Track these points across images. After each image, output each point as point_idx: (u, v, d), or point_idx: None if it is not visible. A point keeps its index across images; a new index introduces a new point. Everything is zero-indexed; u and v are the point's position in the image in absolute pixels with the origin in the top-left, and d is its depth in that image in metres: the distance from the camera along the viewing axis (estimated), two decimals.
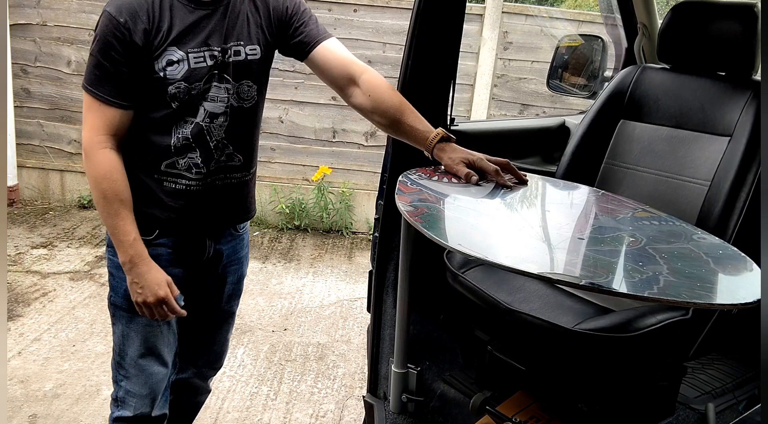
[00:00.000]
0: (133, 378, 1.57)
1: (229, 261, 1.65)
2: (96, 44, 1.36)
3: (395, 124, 1.51)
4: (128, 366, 1.57)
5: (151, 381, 1.58)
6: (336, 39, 1.57)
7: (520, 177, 1.48)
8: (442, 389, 1.92)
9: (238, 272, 1.70)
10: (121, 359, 1.57)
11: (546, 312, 1.60)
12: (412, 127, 1.49)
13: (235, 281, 1.71)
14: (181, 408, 1.84)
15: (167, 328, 1.58)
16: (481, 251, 1.11)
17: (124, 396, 1.58)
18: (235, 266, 1.68)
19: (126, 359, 1.57)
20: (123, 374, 1.58)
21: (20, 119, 4.48)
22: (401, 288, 1.72)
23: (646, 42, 2.29)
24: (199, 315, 1.67)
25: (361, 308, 3.42)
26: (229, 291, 1.71)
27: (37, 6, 4.34)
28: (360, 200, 4.59)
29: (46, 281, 3.45)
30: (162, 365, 1.60)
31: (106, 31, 1.35)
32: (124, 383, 1.58)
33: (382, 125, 1.55)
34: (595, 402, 1.65)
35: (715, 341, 1.92)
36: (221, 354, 1.83)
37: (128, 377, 1.57)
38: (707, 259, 1.17)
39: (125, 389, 1.58)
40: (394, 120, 1.50)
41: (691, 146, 1.84)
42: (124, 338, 1.56)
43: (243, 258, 1.71)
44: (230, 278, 1.68)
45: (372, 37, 4.38)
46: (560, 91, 2.50)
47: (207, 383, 1.88)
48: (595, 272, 1.08)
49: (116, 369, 1.60)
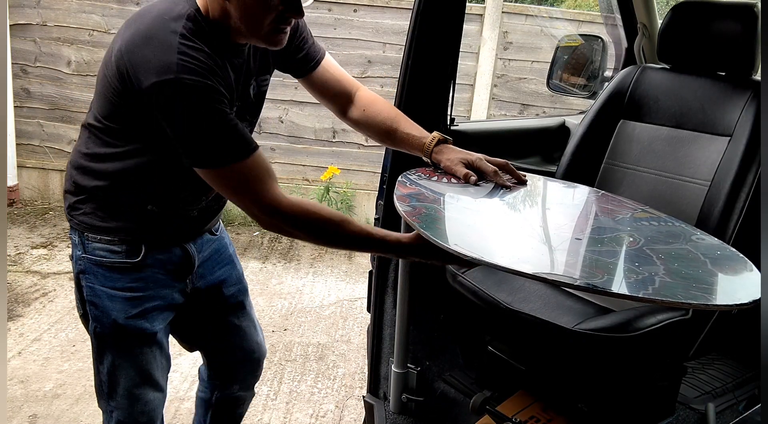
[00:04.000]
0: (127, 409, 1.47)
1: (216, 263, 1.58)
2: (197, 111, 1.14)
3: (391, 134, 1.50)
4: (120, 397, 1.46)
5: (148, 408, 1.49)
6: (329, 54, 1.54)
7: (519, 177, 1.48)
8: (442, 389, 1.92)
9: (234, 272, 1.63)
10: (112, 391, 1.46)
11: (546, 312, 1.60)
12: (408, 135, 1.48)
13: (235, 281, 1.64)
14: (228, 421, 1.81)
15: (159, 351, 1.47)
16: (479, 251, 1.11)
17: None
18: (227, 266, 1.61)
19: (118, 390, 1.45)
20: (114, 406, 1.47)
21: (20, 119, 4.48)
22: (401, 288, 1.72)
23: (646, 42, 2.29)
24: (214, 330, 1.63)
25: (361, 308, 3.42)
26: (235, 293, 1.64)
27: (37, 6, 4.34)
28: (360, 200, 4.59)
29: (46, 281, 3.45)
30: (158, 391, 1.51)
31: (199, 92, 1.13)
32: (116, 414, 1.48)
33: (379, 137, 1.53)
34: (595, 402, 1.65)
35: (715, 341, 1.92)
36: (260, 358, 1.75)
37: (120, 408, 1.47)
38: (705, 260, 1.17)
39: (117, 420, 1.48)
40: (390, 130, 1.50)
41: (691, 146, 1.84)
42: (114, 369, 1.44)
43: (232, 256, 1.64)
44: (228, 279, 1.61)
45: (372, 37, 4.38)
46: (560, 91, 2.50)
47: (252, 390, 1.81)
48: (591, 272, 1.08)
49: (106, 400, 1.48)
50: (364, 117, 1.52)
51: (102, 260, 1.37)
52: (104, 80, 1.24)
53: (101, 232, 1.36)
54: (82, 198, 1.36)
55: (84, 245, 1.38)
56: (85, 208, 1.36)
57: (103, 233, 1.36)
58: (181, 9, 1.19)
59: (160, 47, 1.13)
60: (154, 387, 1.49)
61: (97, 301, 1.39)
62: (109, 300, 1.38)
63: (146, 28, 1.17)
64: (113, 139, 1.29)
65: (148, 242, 1.38)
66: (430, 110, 1.84)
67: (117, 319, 1.39)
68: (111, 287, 1.38)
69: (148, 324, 1.42)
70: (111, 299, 1.38)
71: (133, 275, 1.39)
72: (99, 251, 1.37)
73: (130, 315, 1.40)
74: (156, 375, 1.48)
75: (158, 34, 1.15)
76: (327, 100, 1.55)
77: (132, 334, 1.41)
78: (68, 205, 1.39)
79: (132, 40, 1.16)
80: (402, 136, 1.49)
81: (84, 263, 1.38)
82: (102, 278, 1.38)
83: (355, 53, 4.35)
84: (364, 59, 4.40)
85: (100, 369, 1.46)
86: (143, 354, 1.44)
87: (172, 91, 1.11)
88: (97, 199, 1.35)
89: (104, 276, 1.38)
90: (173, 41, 1.13)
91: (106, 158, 1.31)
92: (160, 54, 1.12)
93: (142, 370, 1.45)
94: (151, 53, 1.13)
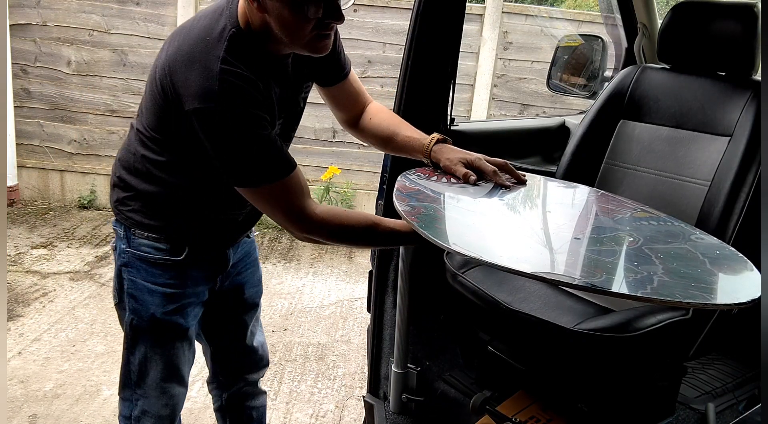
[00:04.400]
0: (153, 399, 1.51)
1: (244, 265, 1.63)
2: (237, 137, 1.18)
3: (393, 139, 1.52)
4: (149, 388, 1.50)
5: (173, 402, 1.54)
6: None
7: (519, 177, 1.48)
8: (442, 389, 1.92)
9: (256, 274, 1.69)
10: (140, 381, 1.50)
11: (546, 312, 1.59)
12: (408, 137, 1.50)
13: (256, 283, 1.69)
14: (247, 419, 1.82)
15: (188, 347, 1.53)
16: (478, 250, 1.11)
17: (141, 415, 1.53)
18: (252, 268, 1.66)
19: (146, 380, 1.49)
20: (141, 394, 1.51)
21: (20, 119, 4.48)
22: (401, 288, 1.72)
23: (646, 42, 2.29)
24: (229, 328, 1.66)
25: (361, 308, 3.42)
26: (253, 294, 1.69)
27: (37, 6, 4.34)
28: (360, 200, 4.59)
29: (46, 281, 3.45)
30: (183, 386, 1.56)
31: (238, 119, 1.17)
32: (141, 402, 1.51)
33: (380, 143, 1.55)
34: (595, 402, 1.65)
35: (715, 341, 1.92)
36: (263, 357, 1.79)
37: (147, 397, 1.51)
38: (704, 259, 1.17)
39: (142, 409, 1.52)
40: (391, 134, 1.51)
41: (691, 146, 1.84)
42: (146, 361, 1.48)
43: (257, 259, 1.69)
44: (250, 281, 1.66)
45: (372, 37, 4.38)
46: (560, 91, 2.50)
47: (259, 387, 1.84)
48: (590, 271, 1.08)
49: (132, 389, 1.51)
50: (367, 126, 1.54)
51: (146, 256, 1.41)
52: (151, 93, 1.27)
53: (148, 229, 1.40)
54: (131, 195, 1.40)
55: (129, 239, 1.41)
56: (134, 206, 1.39)
57: (150, 231, 1.40)
58: (223, 27, 1.20)
59: (202, 72, 1.16)
60: (180, 382, 1.54)
61: (137, 294, 1.43)
62: (149, 294, 1.42)
63: (189, 48, 1.19)
64: (160, 148, 1.32)
65: (192, 243, 1.42)
66: (430, 110, 1.84)
67: (155, 313, 1.43)
68: (152, 282, 1.42)
69: (183, 320, 1.47)
70: (151, 294, 1.42)
71: (173, 271, 1.42)
72: (144, 247, 1.41)
73: (168, 310, 1.44)
74: (183, 370, 1.54)
75: (201, 58, 1.18)
76: (340, 110, 1.56)
77: (167, 328, 1.46)
78: (116, 199, 1.43)
79: (175, 59, 1.20)
80: (403, 139, 1.50)
81: (128, 256, 1.42)
82: (144, 273, 1.42)
83: (355, 53, 4.35)
84: (364, 59, 4.40)
85: (130, 359, 1.49)
86: (174, 348, 1.49)
87: (212, 119, 1.16)
88: (147, 199, 1.38)
89: (146, 271, 1.42)
90: (215, 67, 1.16)
91: (157, 165, 1.34)
92: (202, 80, 1.15)
93: (171, 364, 1.50)
94: (194, 77, 1.16)
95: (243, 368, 1.75)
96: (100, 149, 4.60)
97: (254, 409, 1.84)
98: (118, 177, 1.42)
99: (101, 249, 3.93)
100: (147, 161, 1.35)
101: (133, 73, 4.46)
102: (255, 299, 1.70)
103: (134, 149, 1.37)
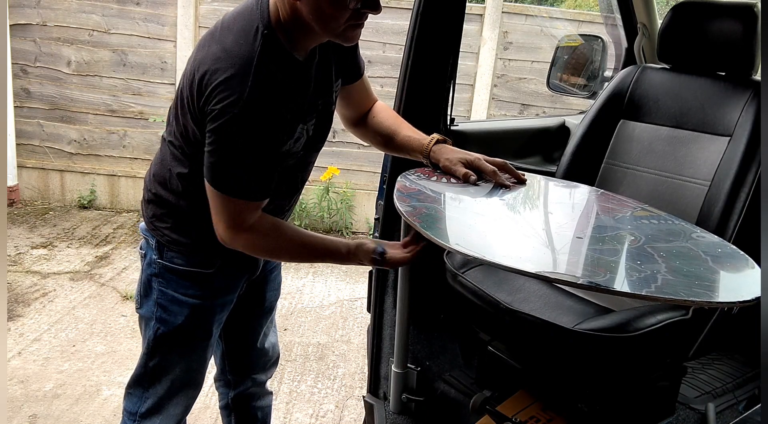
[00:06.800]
0: (164, 400, 1.50)
1: (269, 270, 1.63)
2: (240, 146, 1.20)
3: (392, 139, 1.51)
4: (160, 389, 1.49)
5: (184, 403, 1.55)
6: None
7: (519, 177, 1.48)
8: (442, 389, 1.92)
9: (278, 278, 1.69)
10: (155, 382, 1.49)
11: (546, 312, 1.59)
12: (408, 137, 1.50)
13: (276, 286, 1.70)
14: (252, 419, 1.83)
15: (210, 352, 1.53)
16: (480, 250, 1.11)
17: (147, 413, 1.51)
18: (275, 272, 1.67)
19: (162, 382, 1.49)
20: (152, 393, 1.50)
21: (20, 119, 4.48)
22: (401, 288, 1.72)
23: (646, 42, 2.29)
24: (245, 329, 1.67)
25: (361, 308, 3.42)
26: (272, 298, 1.69)
27: (37, 6, 4.34)
28: (360, 200, 4.59)
29: (46, 281, 3.45)
30: (196, 389, 1.56)
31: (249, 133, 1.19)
32: (150, 401, 1.50)
33: (380, 143, 1.55)
34: (595, 402, 1.65)
35: (715, 341, 1.92)
36: (274, 357, 1.79)
37: (157, 396, 1.50)
38: (706, 257, 1.17)
39: (150, 407, 1.51)
40: (391, 134, 1.51)
41: (691, 146, 1.84)
42: (166, 366, 1.48)
43: (280, 263, 1.70)
44: (272, 284, 1.67)
45: (372, 37, 4.38)
46: (560, 91, 2.50)
47: (266, 387, 1.84)
48: (593, 270, 1.08)
49: (143, 388, 1.51)
50: (369, 124, 1.54)
51: (177, 268, 1.41)
52: (181, 101, 1.27)
53: (182, 245, 1.40)
54: (166, 212, 1.40)
55: (161, 251, 1.42)
56: (170, 223, 1.40)
57: (183, 246, 1.40)
58: (257, 27, 1.20)
59: (237, 77, 1.17)
60: (196, 386, 1.55)
61: (167, 304, 1.43)
62: (178, 305, 1.42)
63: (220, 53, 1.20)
64: (192, 163, 1.32)
65: (225, 256, 1.41)
66: (430, 110, 1.84)
67: (183, 323, 1.43)
68: (182, 293, 1.42)
69: (209, 329, 1.48)
70: (180, 305, 1.43)
71: (204, 283, 1.43)
72: (176, 259, 1.41)
73: (196, 321, 1.44)
74: (201, 375, 1.54)
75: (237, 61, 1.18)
76: (349, 108, 1.55)
77: (194, 337, 1.47)
78: (152, 214, 1.42)
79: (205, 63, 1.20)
80: (402, 139, 1.50)
81: (159, 267, 1.42)
82: (174, 284, 1.42)
83: None
84: (364, 59, 4.40)
85: (147, 363, 1.49)
86: (196, 354, 1.50)
87: (228, 125, 1.18)
88: (181, 215, 1.39)
89: (176, 282, 1.42)
90: (249, 71, 1.17)
91: (191, 182, 1.33)
92: (236, 84, 1.16)
93: (190, 370, 1.51)
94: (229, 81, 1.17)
95: (252, 368, 1.76)
96: (100, 149, 4.60)
97: (260, 409, 1.84)
98: (153, 193, 1.41)
99: (101, 249, 3.93)
100: (181, 178, 1.35)
101: (133, 73, 4.46)
102: (273, 302, 1.71)
103: (168, 165, 1.37)
